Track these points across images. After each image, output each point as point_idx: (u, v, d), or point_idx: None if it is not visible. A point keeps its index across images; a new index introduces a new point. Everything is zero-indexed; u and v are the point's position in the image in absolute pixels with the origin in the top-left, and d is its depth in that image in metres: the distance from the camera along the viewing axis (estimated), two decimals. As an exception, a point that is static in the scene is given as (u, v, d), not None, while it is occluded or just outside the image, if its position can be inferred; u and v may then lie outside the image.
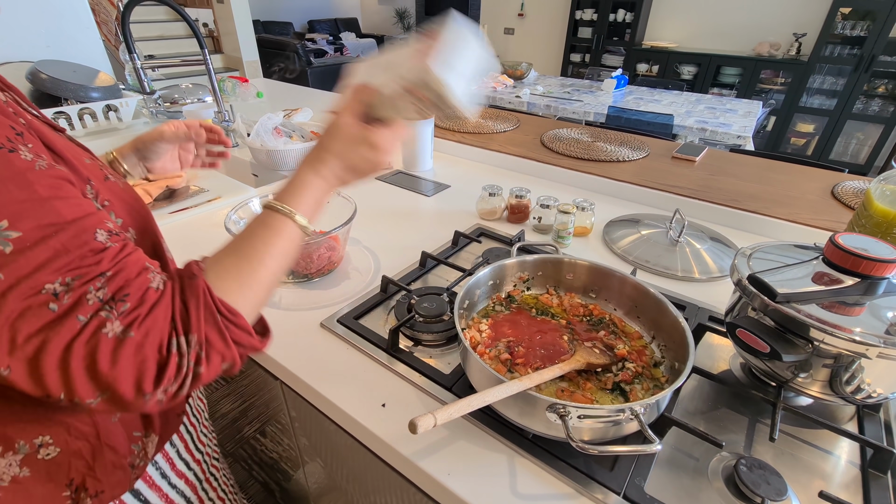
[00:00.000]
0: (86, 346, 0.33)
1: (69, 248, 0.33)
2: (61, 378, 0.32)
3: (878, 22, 3.47)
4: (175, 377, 0.36)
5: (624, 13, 4.61)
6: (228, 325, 0.39)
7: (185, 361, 0.36)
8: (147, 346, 0.34)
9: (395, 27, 9.32)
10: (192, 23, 1.27)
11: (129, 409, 0.36)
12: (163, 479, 0.56)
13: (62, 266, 0.33)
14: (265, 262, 0.44)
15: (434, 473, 0.50)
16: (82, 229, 0.34)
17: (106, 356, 0.33)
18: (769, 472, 0.47)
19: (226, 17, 4.90)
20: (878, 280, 0.51)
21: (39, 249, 0.32)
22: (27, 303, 0.31)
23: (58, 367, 0.32)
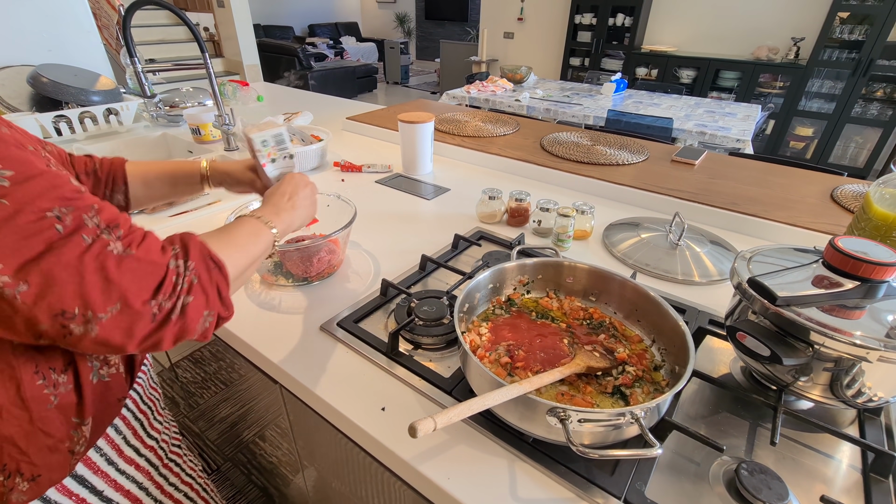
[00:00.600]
0: (96, 260, 0.37)
1: (56, 185, 0.38)
2: (77, 289, 0.36)
3: (876, 26, 3.49)
4: (171, 293, 0.41)
5: (623, 17, 4.63)
6: (213, 269, 0.46)
7: (181, 280, 0.42)
8: (148, 259, 0.40)
9: (395, 31, 9.36)
10: (192, 27, 1.28)
11: (133, 327, 0.39)
12: (109, 466, 0.56)
13: (55, 197, 0.37)
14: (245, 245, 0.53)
15: (434, 477, 0.50)
16: (58, 175, 0.39)
17: (114, 266, 0.38)
18: (770, 477, 0.47)
19: (227, 22, 4.92)
20: (878, 283, 0.51)
21: (31, 184, 0.36)
22: (34, 225, 0.36)
23: (73, 278, 0.36)
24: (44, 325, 0.37)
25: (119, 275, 0.38)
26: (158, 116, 1.71)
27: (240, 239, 0.53)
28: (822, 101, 3.96)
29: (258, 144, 0.69)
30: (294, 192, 0.66)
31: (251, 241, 0.55)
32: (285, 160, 0.72)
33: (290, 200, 0.65)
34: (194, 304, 0.43)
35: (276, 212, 0.61)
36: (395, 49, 7.69)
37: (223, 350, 0.86)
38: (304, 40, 7.99)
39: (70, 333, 0.38)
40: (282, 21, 8.30)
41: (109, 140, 1.53)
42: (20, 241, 0.35)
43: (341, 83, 6.51)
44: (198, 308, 0.43)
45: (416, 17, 9.26)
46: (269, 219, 0.58)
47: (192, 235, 0.47)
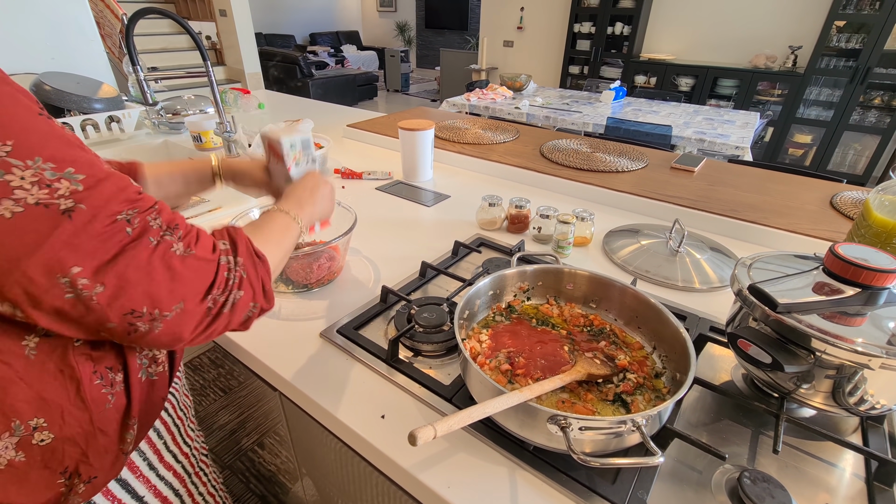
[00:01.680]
0: (162, 261, 0.39)
1: (122, 187, 0.39)
2: (147, 289, 0.38)
3: (873, 35, 3.52)
4: (224, 288, 0.43)
5: (622, 26, 4.67)
6: (258, 264, 0.48)
7: (232, 275, 0.44)
8: (205, 258, 0.43)
9: (396, 39, 9.44)
10: (195, 35, 1.29)
11: (192, 323, 0.42)
12: (151, 471, 0.56)
13: (124, 199, 0.39)
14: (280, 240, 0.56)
15: (434, 486, 0.50)
16: (121, 176, 0.40)
17: (178, 266, 0.40)
18: (773, 486, 0.47)
19: (229, 31, 4.96)
20: (878, 290, 0.50)
21: (103, 186, 0.38)
22: (109, 228, 0.37)
23: (143, 279, 0.38)
24: (113, 324, 0.38)
25: (182, 274, 0.40)
26: (160, 124, 1.72)
27: (274, 234, 0.56)
28: (821, 109, 3.98)
29: (286, 147, 0.70)
30: (315, 187, 0.68)
31: (284, 235, 0.57)
32: (308, 164, 0.74)
33: (312, 196, 0.66)
34: (244, 299, 0.46)
35: (300, 205, 0.63)
36: (396, 57, 7.75)
37: (222, 357, 0.85)
38: (305, 48, 8.05)
39: (136, 331, 0.39)
40: (283, 30, 8.37)
41: (111, 147, 1.54)
42: (97, 245, 0.36)
43: (342, 91, 6.55)
44: (246, 301, 0.46)
45: (417, 26, 9.34)
46: (295, 213, 0.60)
47: (238, 230, 0.49)
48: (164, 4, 5.61)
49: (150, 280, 0.39)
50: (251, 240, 0.49)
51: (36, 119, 0.36)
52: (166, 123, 1.71)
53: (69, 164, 0.36)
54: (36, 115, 0.36)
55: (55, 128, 0.37)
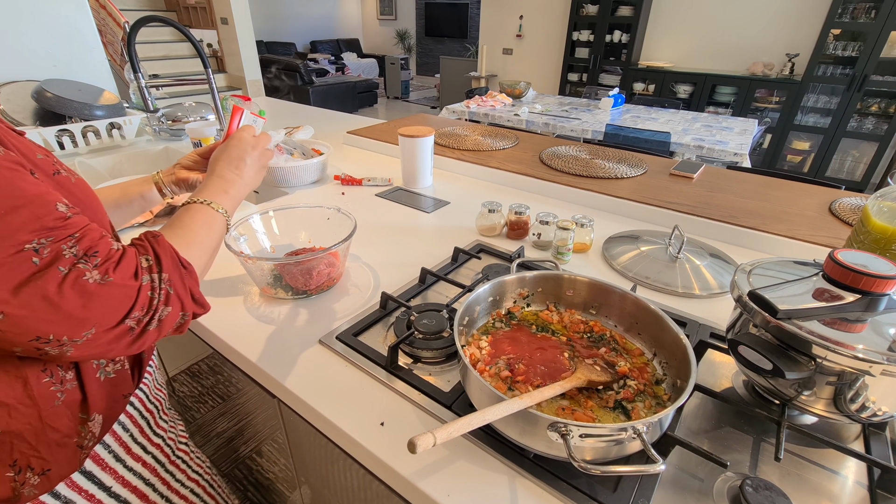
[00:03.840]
0: (73, 289, 0.39)
1: (39, 216, 0.39)
2: (52, 317, 0.38)
3: (869, 43, 3.55)
4: (147, 308, 0.44)
5: (620, 34, 4.71)
6: (185, 275, 0.49)
7: (157, 294, 0.45)
8: (123, 284, 0.42)
9: (396, 47, 9.51)
10: (196, 43, 1.30)
11: (110, 344, 0.42)
12: (117, 462, 0.57)
13: (36, 228, 0.39)
14: (204, 240, 0.55)
15: (433, 494, 0.49)
16: (45, 201, 0.40)
17: (89, 295, 0.40)
18: (775, 493, 0.46)
19: (230, 38, 5.00)
20: (878, 296, 0.50)
21: (13, 216, 0.37)
22: (12, 258, 0.37)
23: (48, 308, 0.38)
24: (19, 349, 0.40)
25: (95, 302, 0.40)
26: (161, 130, 1.73)
27: (198, 234, 0.55)
28: (818, 116, 4.01)
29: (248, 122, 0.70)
30: (240, 156, 0.64)
31: (209, 232, 0.56)
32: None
33: (237, 169, 0.64)
34: (171, 313, 0.47)
35: (225, 188, 0.61)
36: (396, 65, 7.80)
37: (221, 364, 0.85)
38: (306, 56, 8.11)
39: (46, 354, 0.40)
40: (284, 37, 8.44)
41: (112, 154, 1.55)
42: (1, 274, 0.36)
43: (342, 98, 6.59)
44: (174, 314, 0.47)
45: (417, 34, 9.42)
46: (218, 203, 0.59)
47: (161, 240, 0.49)
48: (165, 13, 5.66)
49: (55, 309, 0.38)
50: (175, 248, 0.49)
51: None
52: (167, 130, 1.72)
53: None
54: None
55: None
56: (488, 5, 5.64)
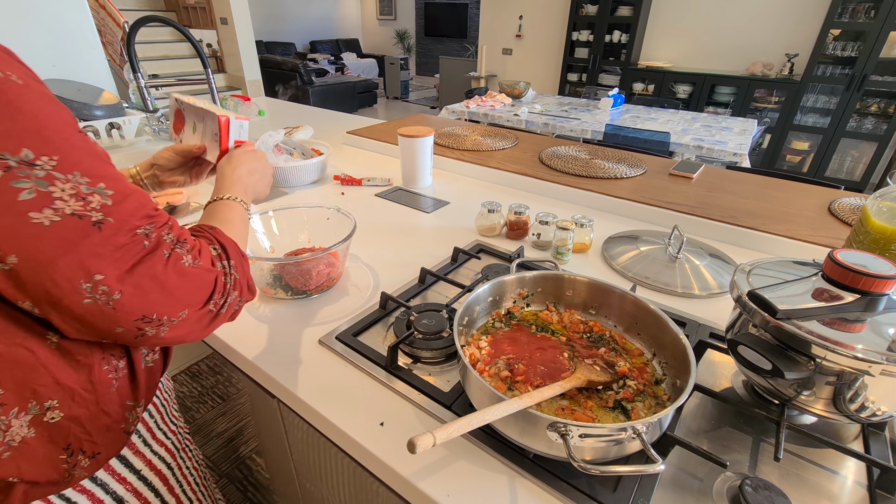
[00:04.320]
0: (174, 271, 0.44)
1: (143, 203, 0.43)
2: (159, 297, 0.42)
3: (868, 43, 3.55)
4: (223, 292, 0.49)
5: (619, 34, 4.72)
6: (244, 262, 0.54)
7: (228, 280, 0.50)
8: (207, 268, 0.47)
9: (396, 47, 9.51)
10: (196, 43, 1.30)
11: (195, 325, 0.46)
12: (146, 447, 0.60)
13: (143, 215, 0.43)
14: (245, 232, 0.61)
15: (433, 494, 0.49)
16: (143, 194, 0.44)
17: (186, 276, 0.45)
18: (775, 493, 0.46)
19: (229, 39, 5.00)
20: (878, 296, 0.50)
21: (126, 203, 0.42)
22: (131, 239, 0.41)
23: (156, 288, 0.42)
24: (122, 328, 0.42)
25: (189, 284, 0.45)
26: (160, 131, 1.73)
27: (240, 227, 0.60)
28: (818, 116, 4.01)
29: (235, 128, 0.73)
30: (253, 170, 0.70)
31: (244, 227, 0.62)
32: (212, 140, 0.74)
33: (253, 176, 0.70)
34: (235, 299, 0.51)
35: (245, 190, 0.66)
36: (395, 65, 7.80)
37: (221, 364, 0.85)
38: (305, 56, 8.11)
39: (143, 335, 0.44)
40: (284, 37, 8.44)
41: (111, 154, 1.54)
42: (120, 255, 0.40)
43: (342, 98, 6.59)
44: (236, 300, 0.52)
45: (416, 34, 9.42)
46: (245, 201, 0.65)
47: (219, 231, 0.54)
48: (165, 13, 5.65)
49: (161, 289, 0.42)
50: (234, 239, 0.54)
51: (76, 135, 0.40)
52: (167, 130, 1.72)
53: (101, 179, 0.40)
54: (76, 132, 0.40)
55: (90, 144, 0.41)
56: (488, 5, 5.64)
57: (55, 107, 0.39)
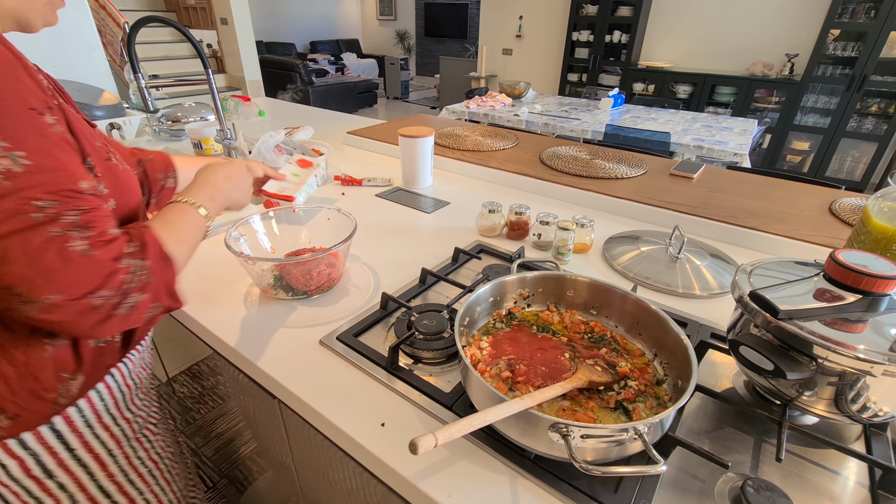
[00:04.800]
0: (53, 251, 0.42)
1: (59, 182, 0.44)
2: (24, 272, 0.41)
3: (869, 43, 3.55)
4: (118, 290, 0.46)
5: (619, 34, 4.72)
6: (165, 266, 0.52)
7: (134, 279, 0.47)
8: (102, 260, 0.45)
9: (396, 47, 9.51)
10: (196, 44, 1.29)
11: (76, 317, 0.44)
12: (86, 427, 0.59)
13: (52, 191, 0.43)
14: (189, 239, 0.59)
15: (434, 495, 0.49)
16: (72, 175, 0.45)
17: (66, 260, 0.43)
18: (777, 494, 0.46)
19: (229, 39, 5.00)
20: (879, 297, 0.50)
21: (39, 176, 0.42)
22: (20, 207, 0.41)
23: (25, 262, 0.41)
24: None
25: (67, 269, 0.43)
26: (161, 131, 1.73)
27: (186, 233, 0.58)
28: (818, 116, 4.01)
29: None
30: (229, 177, 0.71)
31: (194, 233, 0.60)
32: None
33: (227, 184, 0.69)
34: (144, 301, 0.49)
35: (213, 198, 0.65)
36: (396, 65, 7.80)
37: (221, 364, 0.85)
38: (305, 56, 8.11)
39: (15, 308, 0.43)
40: (284, 38, 8.44)
41: (111, 154, 1.54)
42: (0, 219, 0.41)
43: (342, 98, 6.59)
44: (146, 303, 0.50)
45: (417, 34, 9.42)
46: (207, 208, 0.63)
47: (149, 231, 0.52)
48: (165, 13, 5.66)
49: (30, 264, 0.42)
50: (163, 242, 0.52)
51: (23, 109, 0.43)
52: (167, 130, 1.72)
53: (25, 149, 0.42)
54: (26, 108, 0.43)
55: (38, 121, 0.44)
56: (488, 5, 5.64)
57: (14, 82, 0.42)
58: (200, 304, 0.80)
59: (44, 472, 0.56)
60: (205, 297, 0.81)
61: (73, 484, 0.60)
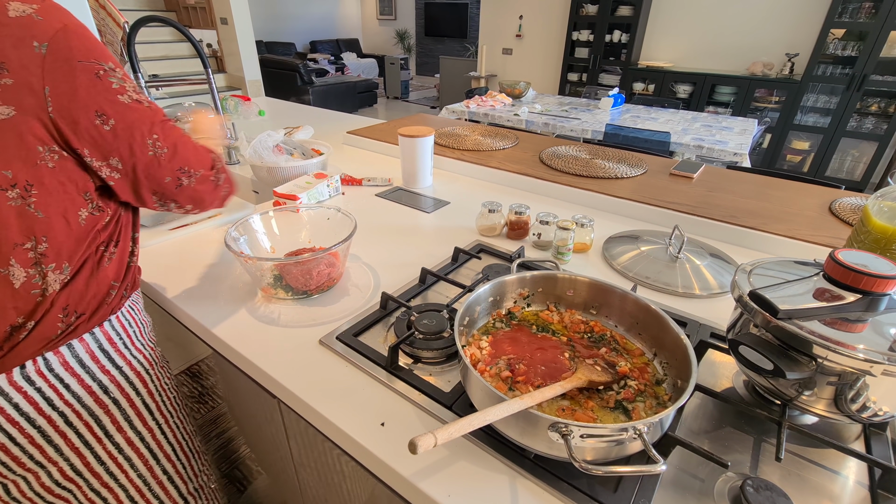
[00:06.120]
0: (191, 141, 0.67)
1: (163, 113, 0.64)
2: (186, 155, 0.65)
3: (869, 42, 3.55)
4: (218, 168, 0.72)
5: (620, 34, 4.71)
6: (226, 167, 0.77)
7: (220, 164, 0.73)
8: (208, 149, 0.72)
9: (396, 47, 9.51)
10: (196, 43, 1.29)
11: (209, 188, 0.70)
12: (125, 349, 0.69)
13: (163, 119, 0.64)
14: None
15: (434, 495, 0.49)
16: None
17: (198, 149, 0.68)
18: (776, 494, 0.46)
19: (229, 39, 4.99)
20: (879, 296, 0.50)
21: (154, 104, 0.63)
22: (164, 118, 0.63)
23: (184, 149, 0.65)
24: (169, 178, 0.63)
25: (200, 153, 0.68)
26: (160, 131, 1.72)
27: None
28: (818, 116, 4.01)
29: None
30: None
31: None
32: None
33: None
34: (225, 179, 0.74)
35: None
36: (396, 65, 7.80)
37: (221, 364, 0.85)
38: (305, 56, 8.10)
39: (181, 184, 0.65)
40: (284, 37, 8.43)
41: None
42: (162, 126, 0.62)
43: (342, 98, 6.59)
44: (227, 182, 0.74)
45: (416, 34, 9.41)
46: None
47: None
48: (165, 13, 5.65)
49: (186, 150, 0.64)
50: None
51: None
52: (167, 130, 1.72)
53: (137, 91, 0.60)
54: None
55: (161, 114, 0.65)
56: (488, 5, 5.64)
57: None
58: (200, 303, 0.80)
59: (100, 388, 0.66)
60: (205, 297, 0.81)
61: (123, 399, 0.69)
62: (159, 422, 0.75)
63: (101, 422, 0.67)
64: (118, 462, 0.71)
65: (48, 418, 0.61)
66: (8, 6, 0.49)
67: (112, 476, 0.71)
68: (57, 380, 0.61)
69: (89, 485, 0.69)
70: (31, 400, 0.59)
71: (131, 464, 0.72)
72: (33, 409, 0.60)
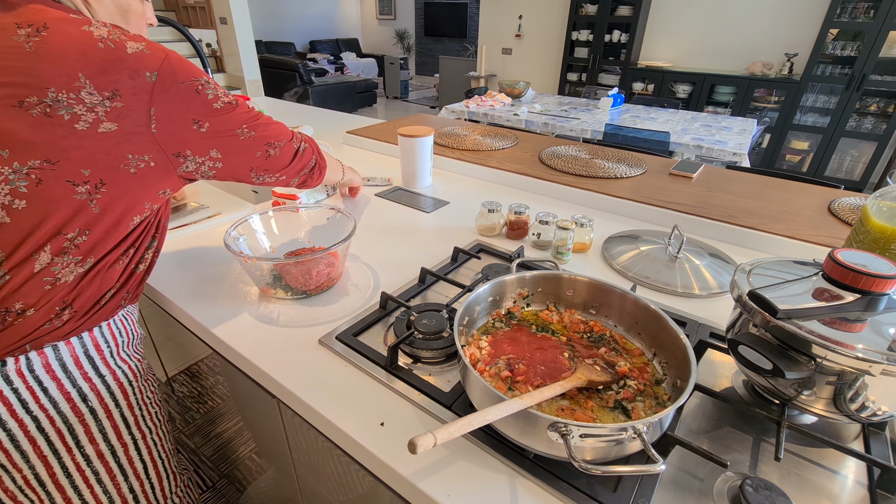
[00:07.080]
0: (271, 120, 0.75)
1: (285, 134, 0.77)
2: (270, 129, 0.73)
3: (868, 42, 3.55)
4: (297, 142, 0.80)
5: (619, 34, 4.72)
6: (319, 149, 0.88)
7: (300, 145, 0.80)
8: (282, 125, 0.77)
9: (395, 47, 9.51)
10: (195, 43, 1.29)
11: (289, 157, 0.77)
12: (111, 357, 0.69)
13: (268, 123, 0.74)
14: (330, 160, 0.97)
15: (434, 495, 0.49)
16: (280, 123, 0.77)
17: (276, 123, 0.76)
18: (776, 493, 0.46)
19: (229, 38, 4.99)
20: (878, 296, 0.50)
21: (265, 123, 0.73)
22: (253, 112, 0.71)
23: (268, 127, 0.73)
24: (259, 152, 0.71)
25: (278, 126, 0.75)
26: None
27: (331, 160, 0.96)
28: (817, 116, 4.01)
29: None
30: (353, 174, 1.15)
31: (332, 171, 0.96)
32: None
33: (351, 174, 1.12)
34: (309, 159, 0.82)
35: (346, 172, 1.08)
36: (395, 64, 7.80)
37: (220, 363, 0.85)
38: (305, 56, 8.10)
39: (269, 156, 0.73)
40: (283, 37, 8.43)
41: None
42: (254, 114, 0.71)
43: (342, 98, 6.59)
44: (310, 160, 0.82)
45: (416, 34, 9.41)
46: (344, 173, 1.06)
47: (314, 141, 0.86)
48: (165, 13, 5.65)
49: (268, 128, 0.72)
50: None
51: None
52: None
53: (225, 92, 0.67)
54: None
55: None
56: (487, 5, 5.64)
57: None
58: (200, 303, 0.80)
59: (79, 396, 0.65)
60: (204, 297, 0.81)
61: (101, 409, 0.68)
62: (135, 437, 0.74)
63: (74, 431, 0.66)
64: (85, 475, 0.69)
65: (20, 422, 0.60)
66: (126, 45, 0.56)
67: (76, 490, 0.69)
68: (36, 382, 0.60)
69: (51, 499, 0.67)
70: (4, 400, 0.58)
71: (98, 478, 0.70)
72: (6, 410, 0.59)
